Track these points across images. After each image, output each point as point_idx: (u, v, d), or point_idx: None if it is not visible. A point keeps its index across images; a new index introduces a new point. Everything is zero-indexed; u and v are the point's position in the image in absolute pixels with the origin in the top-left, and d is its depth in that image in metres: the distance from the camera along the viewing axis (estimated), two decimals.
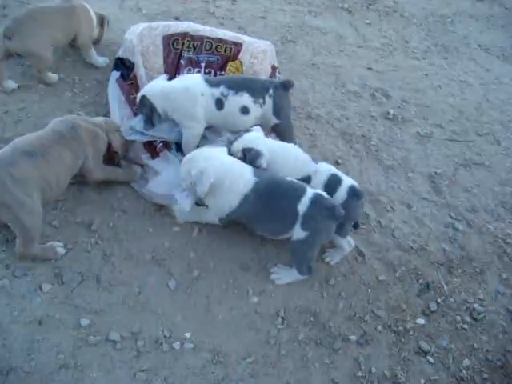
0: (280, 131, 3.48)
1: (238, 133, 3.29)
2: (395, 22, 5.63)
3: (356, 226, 3.21)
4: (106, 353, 2.57)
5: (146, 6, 4.88)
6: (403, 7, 5.90)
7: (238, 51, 3.81)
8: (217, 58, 3.83)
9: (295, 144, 3.36)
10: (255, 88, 3.35)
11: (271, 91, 3.35)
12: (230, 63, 3.81)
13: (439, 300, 3.10)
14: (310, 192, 2.83)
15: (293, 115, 3.98)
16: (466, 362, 2.87)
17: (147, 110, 3.33)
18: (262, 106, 3.35)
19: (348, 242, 3.12)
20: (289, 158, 3.12)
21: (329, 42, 5.00)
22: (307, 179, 3.03)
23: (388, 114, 4.26)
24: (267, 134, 3.39)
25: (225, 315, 2.83)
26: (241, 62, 3.81)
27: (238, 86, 3.32)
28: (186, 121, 3.33)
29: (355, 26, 5.38)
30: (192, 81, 3.36)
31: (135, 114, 3.53)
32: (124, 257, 2.96)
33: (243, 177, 2.88)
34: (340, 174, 3.08)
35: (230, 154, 3.09)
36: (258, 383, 2.60)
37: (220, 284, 2.96)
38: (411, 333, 2.93)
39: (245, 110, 3.33)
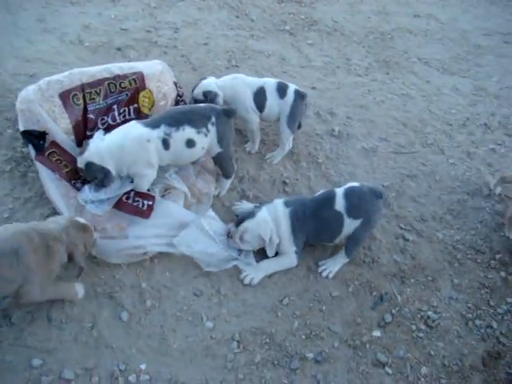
0: (220, 160, 3.49)
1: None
2: (336, 41, 5.75)
3: (299, 126, 4.02)
4: None
5: (87, 38, 4.87)
6: (343, 26, 6.04)
7: (143, 79, 3.69)
8: (126, 94, 3.63)
9: (233, 171, 3.60)
10: (196, 118, 3.30)
11: (213, 119, 3.32)
12: (141, 94, 3.69)
13: (393, 311, 3.13)
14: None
15: (239, 139, 4.02)
16: (424, 369, 2.90)
17: (99, 175, 3.18)
18: (206, 135, 3.32)
19: (289, 142, 3.94)
20: (239, 85, 3.82)
21: (272, 64, 5.07)
22: (262, 89, 3.80)
23: (333, 131, 4.33)
24: None
25: (180, 343, 2.81)
26: (150, 89, 3.72)
27: (177, 121, 3.26)
28: (143, 170, 3.26)
29: (297, 47, 5.48)
30: (133, 130, 3.24)
31: (78, 189, 3.29)
32: None
33: (279, 214, 3.19)
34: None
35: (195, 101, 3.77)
36: None
37: (174, 312, 2.94)
38: (368, 346, 2.95)
39: (190, 143, 3.29)
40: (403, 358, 2.93)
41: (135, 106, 3.69)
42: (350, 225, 3.17)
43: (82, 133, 3.51)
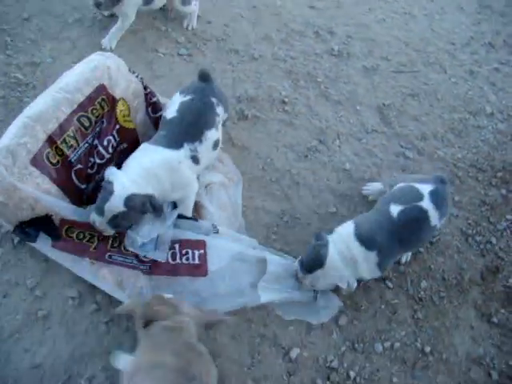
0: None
1: None
2: None
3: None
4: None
5: None
6: None
7: (109, 92, 2.84)
8: (101, 122, 2.84)
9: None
10: (209, 117, 2.86)
11: (215, 100, 2.91)
12: (117, 110, 2.89)
13: None
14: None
15: (236, 58, 3.92)
16: (424, 283, 2.94)
17: (146, 206, 2.56)
18: (219, 122, 2.96)
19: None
20: None
21: None
22: None
23: (333, 50, 4.20)
24: None
25: None
26: (122, 98, 2.93)
27: (196, 132, 2.79)
28: (185, 192, 2.82)
29: None
30: (159, 155, 2.68)
31: (116, 262, 2.65)
32: None
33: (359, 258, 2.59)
34: None
35: None
36: None
37: None
38: None
39: (216, 144, 2.92)
40: (403, 272, 2.96)
41: (117, 127, 2.90)
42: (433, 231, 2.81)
43: (77, 191, 2.77)
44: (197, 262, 2.69)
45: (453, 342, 2.76)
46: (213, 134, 2.85)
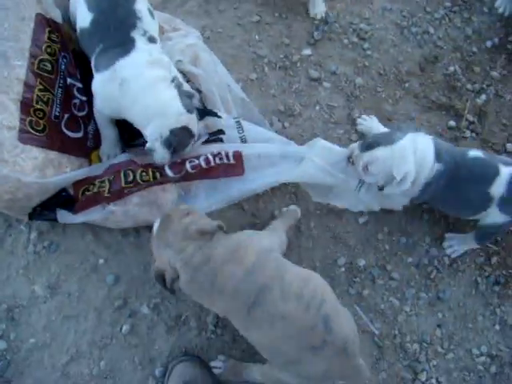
0: None
1: None
2: None
3: None
4: None
5: None
6: None
7: (49, 23, 2.37)
8: (64, 57, 2.41)
9: None
10: None
11: None
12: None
13: (324, 28, 2.98)
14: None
15: None
16: (359, 80, 2.86)
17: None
18: None
19: None
20: None
21: None
22: None
23: None
24: None
25: None
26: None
27: (124, 15, 2.20)
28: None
29: None
30: (129, 63, 2.13)
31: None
32: None
33: (426, 166, 2.24)
34: None
35: None
36: None
37: None
38: (298, 65, 2.86)
39: (150, 12, 2.36)
40: (336, 72, 2.87)
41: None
42: (494, 217, 2.37)
43: (77, 143, 2.39)
44: (232, 161, 2.36)
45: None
46: (140, 5, 2.27)
